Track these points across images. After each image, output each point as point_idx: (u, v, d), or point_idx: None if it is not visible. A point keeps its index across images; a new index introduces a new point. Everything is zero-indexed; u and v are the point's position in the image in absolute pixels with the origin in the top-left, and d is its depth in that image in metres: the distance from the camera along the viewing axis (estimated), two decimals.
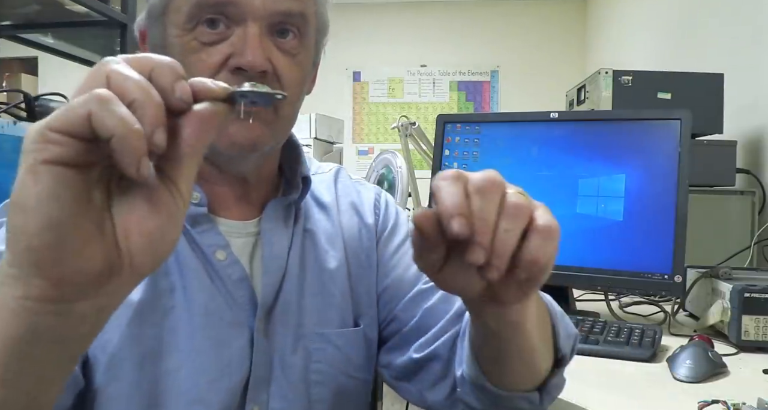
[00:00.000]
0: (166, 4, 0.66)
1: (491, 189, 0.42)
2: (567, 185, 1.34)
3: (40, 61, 4.83)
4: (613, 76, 1.85)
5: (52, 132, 0.33)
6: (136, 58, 0.36)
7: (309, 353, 0.72)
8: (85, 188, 0.34)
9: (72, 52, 2.41)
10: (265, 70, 0.64)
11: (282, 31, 0.66)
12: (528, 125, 1.41)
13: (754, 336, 1.13)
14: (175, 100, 0.35)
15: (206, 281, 0.68)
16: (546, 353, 0.61)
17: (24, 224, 0.33)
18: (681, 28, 2.83)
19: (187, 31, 0.65)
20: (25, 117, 1.44)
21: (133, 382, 0.63)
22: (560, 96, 2.48)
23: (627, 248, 1.29)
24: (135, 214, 0.36)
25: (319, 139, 3.51)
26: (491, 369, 0.61)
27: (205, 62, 0.64)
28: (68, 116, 0.33)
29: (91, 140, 0.33)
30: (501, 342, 0.55)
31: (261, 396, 0.69)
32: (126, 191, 0.36)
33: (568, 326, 0.65)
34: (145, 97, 0.34)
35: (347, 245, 0.78)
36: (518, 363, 0.59)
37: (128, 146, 0.32)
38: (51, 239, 0.33)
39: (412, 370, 0.75)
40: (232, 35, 0.64)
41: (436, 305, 0.74)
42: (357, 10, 5.39)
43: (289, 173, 0.77)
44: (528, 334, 0.54)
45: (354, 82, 5.49)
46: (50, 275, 0.34)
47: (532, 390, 0.62)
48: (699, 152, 1.70)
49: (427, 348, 0.73)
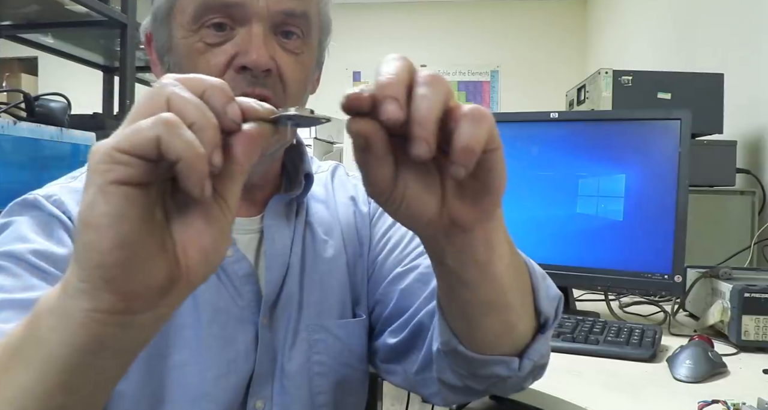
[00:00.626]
0: (171, 6, 0.67)
1: (436, 81, 0.41)
2: (567, 185, 1.34)
3: (40, 61, 4.84)
4: (613, 76, 1.85)
5: (120, 153, 0.34)
6: (189, 79, 0.37)
7: (310, 345, 0.73)
8: (149, 206, 0.36)
9: (72, 52, 2.41)
10: (269, 69, 0.64)
11: (286, 33, 0.67)
12: (528, 125, 1.41)
13: (754, 336, 1.13)
14: (227, 120, 0.37)
15: (213, 278, 0.68)
16: (524, 313, 0.57)
17: (96, 242, 0.35)
18: (681, 28, 2.83)
19: (192, 33, 0.65)
20: (25, 117, 1.44)
21: (140, 379, 0.64)
22: (560, 96, 2.49)
23: (627, 248, 1.29)
24: (192, 229, 0.37)
25: (319, 139, 3.51)
26: (460, 327, 0.57)
27: (211, 63, 0.65)
28: (137, 139, 0.34)
29: (156, 161, 0.35)
30: (467, 291, 0.51)
31: (265, 390, 0.70)
32: (182, 207, 0.38)
33: (549, 287, 0.61)
34: (204, 120, 0.35)
35: (345, 234, 0.79)
36: (490, 320, 0.54)
37: (194, 169, 0.34)
38: (122, 256, 0.35)
39: (399, 351, 0.74)
40: (237, 36, 0.65)
41: (411, 285, 0.74)
42: (357, 10, 5.39)
43: (292, 171, 0.78)
44: (497, 281, 0.50)
45: (354, 82, 5.49)
46: (119, 290, 0.36)
47: (510, 355, 0.58)
48: (699, 152, 1.70)
49: (405, 328, 0.72)
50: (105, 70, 2.56)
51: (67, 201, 0.66)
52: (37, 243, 0.62)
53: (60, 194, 0.66)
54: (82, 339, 0.37)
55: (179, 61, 0.67)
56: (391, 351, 0.75)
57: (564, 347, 1.12)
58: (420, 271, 0.74)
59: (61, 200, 0.66)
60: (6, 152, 1.33)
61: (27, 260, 0.60)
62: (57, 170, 0.78)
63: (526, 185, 1.38)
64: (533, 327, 0.59)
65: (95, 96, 2.51)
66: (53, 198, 0.66)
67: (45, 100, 1.49)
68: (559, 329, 1.16)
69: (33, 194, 0.67)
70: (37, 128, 1.42)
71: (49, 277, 0.60)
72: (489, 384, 0.62)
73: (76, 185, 0.69)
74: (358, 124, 0.41)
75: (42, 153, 1.43)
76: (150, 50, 0.72)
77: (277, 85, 0.66)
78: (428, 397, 0.72)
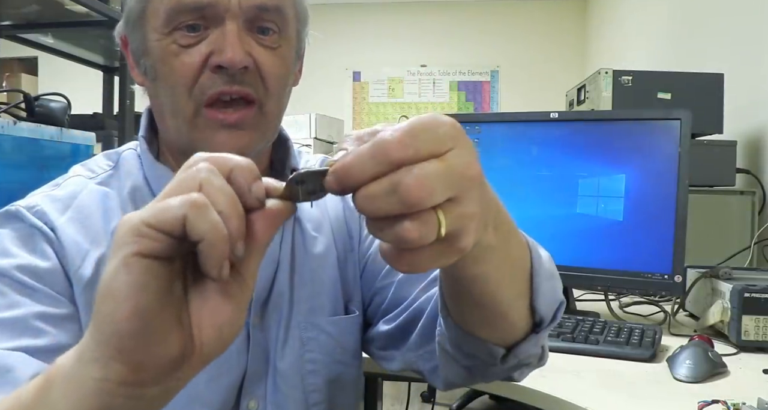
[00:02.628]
0: (144, 9, 0.66)
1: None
2: (567, 185, 1.34)
3: (40, 61, 4.84)
4: (613, 76, 1.85)
5: (147, 227, 0.35)
6: (216, 158, 0.38)
7: (302, 343, 0.72)
8: (169, 279, 0.37)
9: (72, 52, 2.41)
10: (246, 66, 0.64)
11: (262, 28, 0.66)
12: (528, 125, 1.41)
13: (754, 336, 1.13)
14: (251, 198, 0.38)
15: None
16: (515, 313, 0.55)
17: (113, 312, 0.35)
18: (681, 28, 2.83)
19: (166, 36, 0.65)
20: (25, 117, 1.44)
21: None
22: (560, 96, 2.49)
23: (627, 248, 1.29)
24: (208, 305, 0.38)
25: (319, 139, 3.52)
26: (452, 307, 0.57)
27: (186, 63, 0.64)
28: (165, 215, 0.35)
29: (180, 238, 0.36)
30: (456, 285, 0.52)
31: (258, 390, 0.70)
32: (200, 282, 0.38)
33: (555, 289, 0.59)
34: (232, 210, 0.36)
35: (334, 230, 0.79)
36: (477, 313, 0.54)
37: (215, 251, 0.35)
38: (137, 326, 0.35)
39: (395, 337, 0.74)
40: (211, 35, 0.64)
41: (408, 275, 0.73)
42: (357, 10, 5.39)
43: (279, 167, 0.77)
44: (486, 285, 0.49)
45: (354, 82, 5.49)
46: (131, 361, 0.36)
47: (497, 345, 0.57)
48: (699, 152, 1.70)
49: (401, 316, 0.72)
50: (105, 70, 2.56)
51: (49, 211, 0.66)
52: (20, 258, 0.62)
53: (42, 205, 0.66)
54: (90, 406, 0.37)
55: (154, 64, 0.66)
56: (387, 338, 0.75)
57: (564, 347, 1.12)
58: None
59: (44, 210, 0.65)
60: (6, 152, 1.33)
61: (11, 276, 0.60)
62: (57, 170, 0.78)
63: (526, 185, 1.38)
64: (528, 325, 0.58)
65: (95, 96, 2.50)
66: (35, 209, 0.65)
67: (45, 100, 1.49)
68: (559, 329, 1.16)
69: (15, 205, 0.66)
70: (37, 128, 1.42)
71: (35, 293, 0.60)
72: (471, 364, 0.62)
73: (58, 193, 0.68)
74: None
75: (42, 153, 1.43)
76: (126, 53, 0.72)
77: (256, 82, 0.66)
78: (428, 375, 0.71)
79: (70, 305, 0.63)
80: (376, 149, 0.36)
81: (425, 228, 0.36)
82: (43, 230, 0.64)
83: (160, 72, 0.66)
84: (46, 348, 0.58)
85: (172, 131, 0.69)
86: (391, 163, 0.35)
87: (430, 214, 0.36)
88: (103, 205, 0.69)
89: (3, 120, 1.33)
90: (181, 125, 0.66)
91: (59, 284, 0.63)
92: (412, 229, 0.35)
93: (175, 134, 0.69)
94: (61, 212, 0.66)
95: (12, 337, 0.57)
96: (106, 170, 0.73)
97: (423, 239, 0.36)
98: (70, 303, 0.63)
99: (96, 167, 0.73)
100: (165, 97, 0.67)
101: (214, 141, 0.65)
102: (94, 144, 1.66)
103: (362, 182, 0.36)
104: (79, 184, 0.70)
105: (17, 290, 0.60)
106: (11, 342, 0.56)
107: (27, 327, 0.58)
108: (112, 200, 0.69)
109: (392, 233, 0.36)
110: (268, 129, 0.70)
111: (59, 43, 2.32)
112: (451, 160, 0.37)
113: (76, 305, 0.63)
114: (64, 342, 0.59)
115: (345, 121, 4.40)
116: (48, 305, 0.60)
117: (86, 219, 0.67)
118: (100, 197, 0.69)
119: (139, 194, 0.70)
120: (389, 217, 0.36)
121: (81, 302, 0.63)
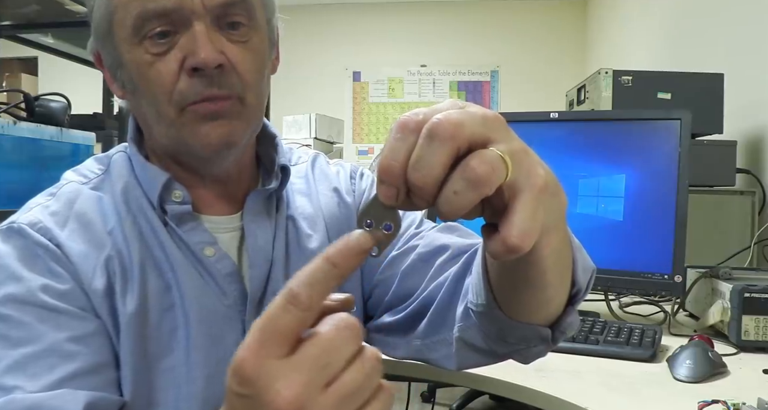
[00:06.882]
0: (110, 21, 0.66)
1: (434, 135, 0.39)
2: (567, 185, 1.33)
3: (40, 61, 4.84)
4: (613, 76, 1.85)
5: None
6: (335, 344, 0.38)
7: None
8: None
9: (72, 52, 2.41)
10: (221, 64, 0.64)
11: (231, 24, 0.66)
12: (528, 125, 1.41)
13: (754, 336, 1.13)
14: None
15: (197, 278, 0.68)
16: (561, 288, 0.56)
17: None
18: (681, 28, 2.83)
19: (136, 46, 0.64)
20: (25, 117, 1.44)
21: (133, 383, 0.64)
22: (560, 96, 2.49)
23: (627, 248, 1.29)
24: None
25: (319, 139, 3.52)
26: (500, 295, 0.57)
27: (162, 72, 0.64)
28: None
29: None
30: (508, 270, 0.52)
31: None
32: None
33: (585, 259, 0.61)
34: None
35: (329, 226, 0.79)
36: (528, 295, 0.55)
37: None
38: None
39: (402, 328, 0.74)
40: (181, 39, 0.64)
41: (412, 265, 0.74)
42: (357, 10, 5.39)
43: (268, 163, 0.77)
44: (540, 264, 0.49)
45: (354, 82, 5.49)
46: None
47: (543, 325, 0.59)
48: (699, 152, 1.70)
49: (409, 307, 0.73)
50: None
51: (51, 227, 0.65)
52: (34, 281, 0.61)
53: (44, 221, 0.66)
54: None
55: (131, 76, 0.66)
56: (393, 328, 0.75)
57: (564, 347, 1.12)
58: (419, 251, 0.74)
59: (47, 227, 0.65)
60: (6, 152, 1.33)
61: (33, 302, 0.60)
62: (57, 170, 0.78)
63: None
64: (566, 300, 0.59)
65: (95, 96, 2.50)
66: (38, 226, 0.65)
67: (45, 100, 1.49)
68: None
69: (17, 222, 0.66)
70: (37, 128, 1.42)
71: (60, 316, 0.60)
72: (513, 350, 0.63)
73: (55, 206, 0.68)
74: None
75: (42, 153, 1.43)
76: (102, 69, 0.71)
77: (233, 80, 0.65)
78: (435, 361, 0.71)
79: (95, 319, 0.63)
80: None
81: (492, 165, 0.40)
82: (48, 248, 0.64)
83: (138, 84, 0.66)
84: (83, 370, 0.59)
85: (159, 137, 0.69)
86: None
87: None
88: (100, 209, 0.69)
89: (3, 120, 1.33)
90: (167, 128, 0.67)
91: (81, 301, 0.63)
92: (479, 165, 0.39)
93: (162, 139, 0.69)
94: (62, 225, 0.66)
95: (49, 369, 0.58)
96: (98, 174, 0.73)
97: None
98: (94, 317, 0.63)
99: (88, 172, 0.73)
100: (147, 106, 0.67)
101: (199, 132, 0.65)
102: (94, 144, 1.66)
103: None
104: (74, 191, 0.70)
105: (40, 317, 0.60)
106: (48, 376, 0.57)
107: (59, 355, 0.59)
108: (107, 203, 0.70)
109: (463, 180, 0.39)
110: (251, 118, 0.70)
111: (59, 43, 2.32)
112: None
113: (100, 317, 0.63)
114: (98, 360, 0.60)
115: (345, 121, 4.40)
116: (74, 327, 0.61)
117: (88, 226, 0.67)
118: (96, 201, 0.69)
119: (131, 195, 0.70)
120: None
121: (103, 313, 0.63)
